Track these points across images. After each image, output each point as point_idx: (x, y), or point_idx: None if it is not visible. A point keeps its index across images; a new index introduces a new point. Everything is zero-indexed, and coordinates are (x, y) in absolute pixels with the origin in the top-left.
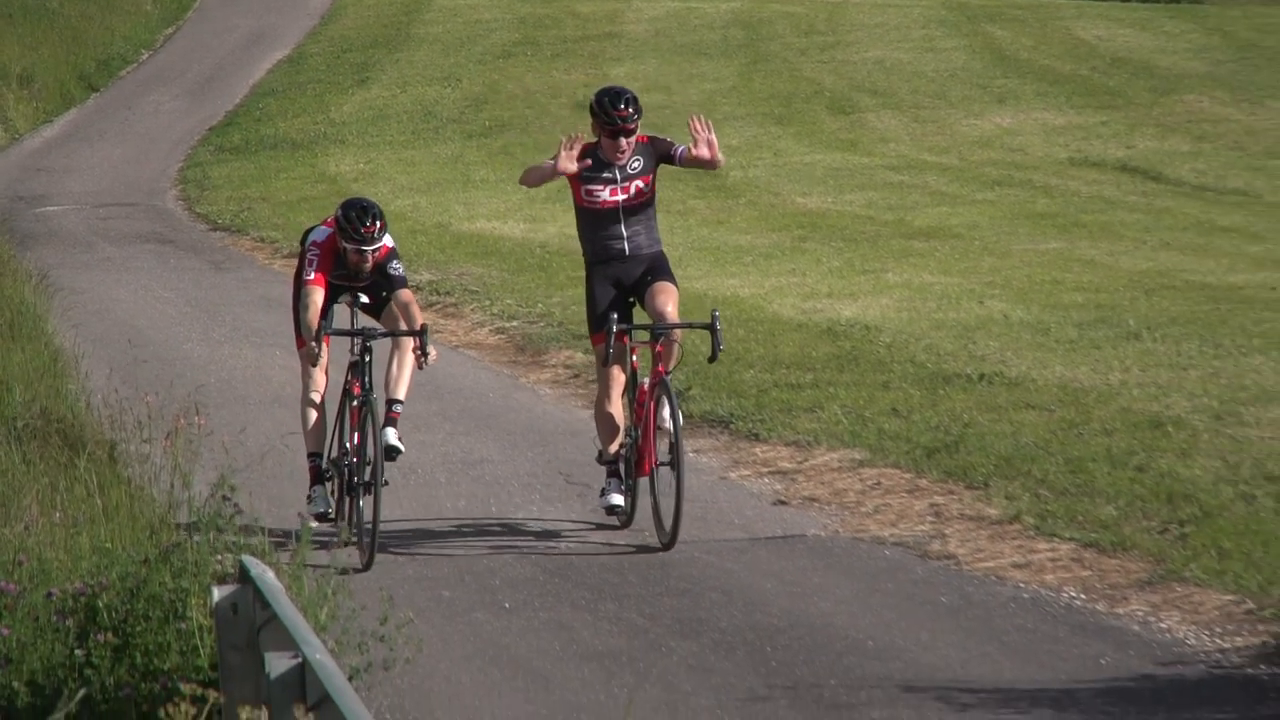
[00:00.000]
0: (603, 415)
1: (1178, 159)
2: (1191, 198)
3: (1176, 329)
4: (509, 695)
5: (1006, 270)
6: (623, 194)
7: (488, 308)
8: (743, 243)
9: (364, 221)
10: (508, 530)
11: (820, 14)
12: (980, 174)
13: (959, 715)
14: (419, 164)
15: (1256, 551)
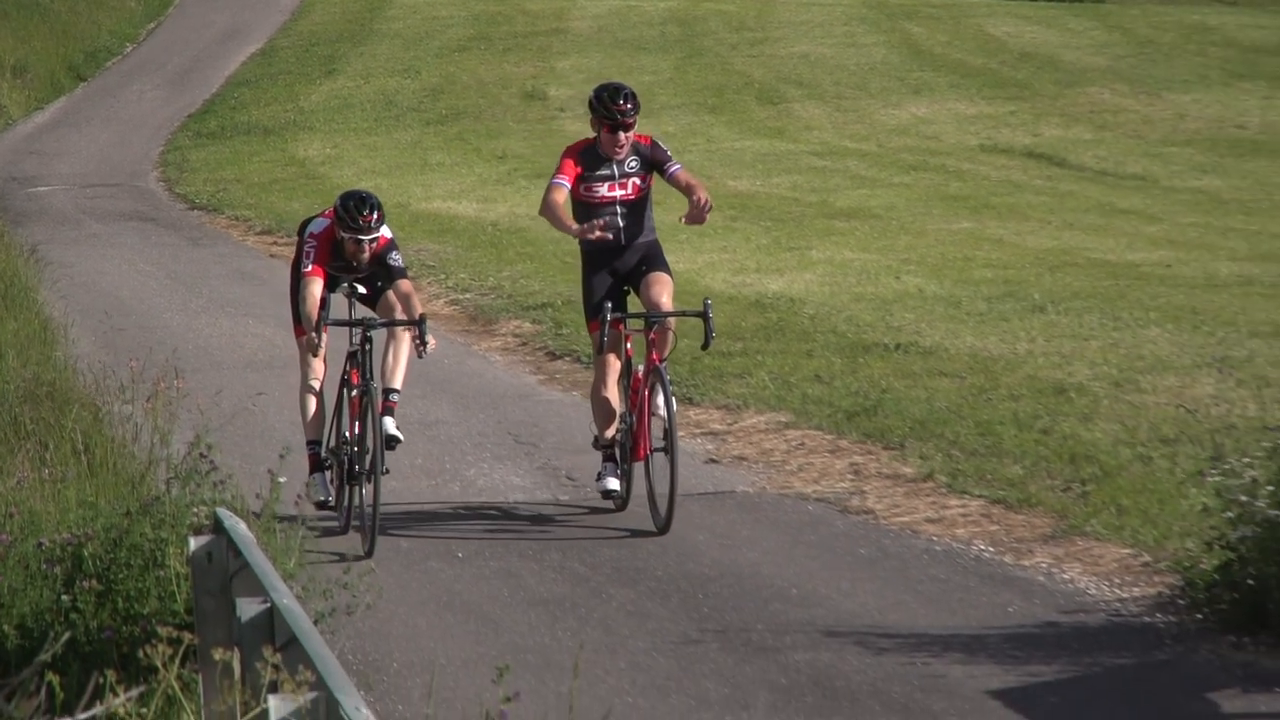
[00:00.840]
0: (599, 401)
1: (1080, 146)
2: (1093, 182)
3: (1078, 303)
4: (461, 637)
5: (921, 248)
6: (620, 189)
7: (443, 281)
8: (678, 222)
9: (361, 211)
10: (461, 485)
11: (750, 11)
12: (897, 159)
13: (876, 658)
14: (381, 149)
15: (1152, 509)
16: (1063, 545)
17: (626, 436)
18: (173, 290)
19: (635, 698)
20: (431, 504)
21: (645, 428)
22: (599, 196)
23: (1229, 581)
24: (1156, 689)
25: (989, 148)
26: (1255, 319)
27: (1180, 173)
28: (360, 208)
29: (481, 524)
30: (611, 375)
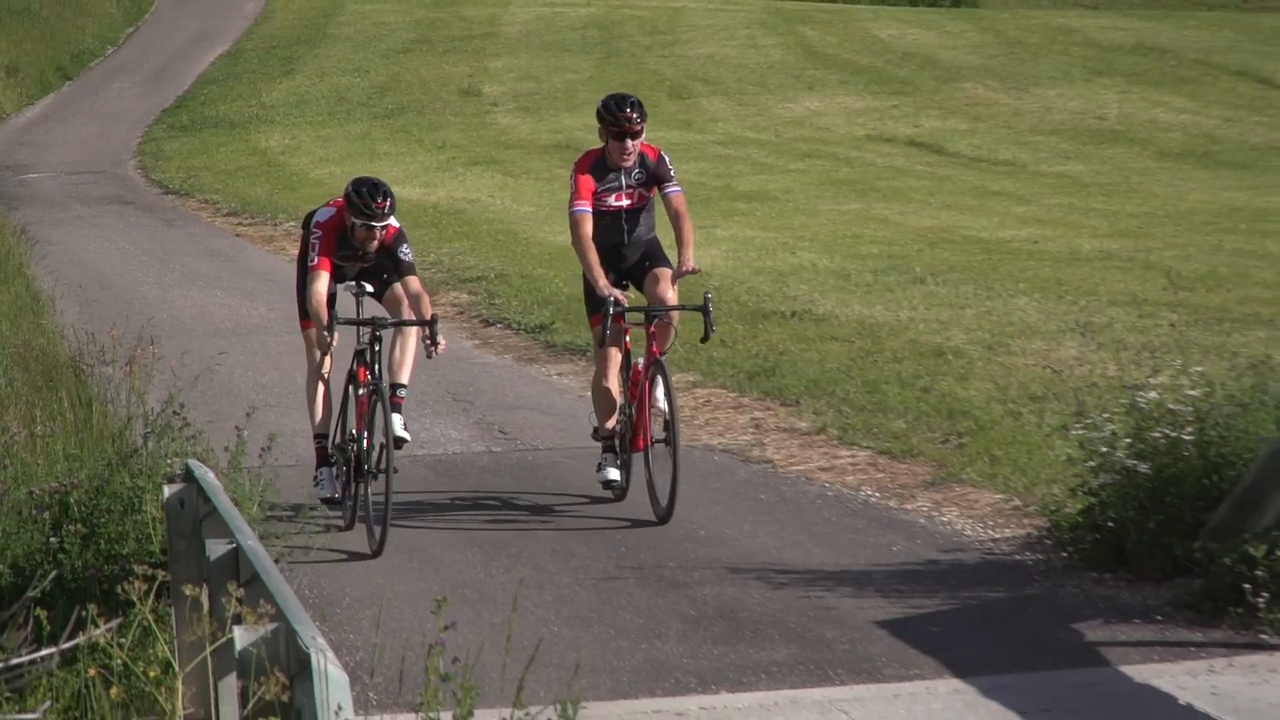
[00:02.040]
0: (600, 392)
1: (956, 136)
2: (968, 168)
3: (955, 275)
4: (405, 574)
5: (814, 227)
6: (627, 199)
7: None
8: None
9: (375, 198)
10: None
11: (662, 17)
12: (793, 148)
13: (775, 592)
14: (334, 140)
15: (1022, 459)
16: (942, 491)
17: (626, 428)
18: (148, 266)
19: (561, 627)
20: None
21: (645, 419)
22: (607, 206)
23: (1091, 524)
24: (1026, 620)
25: (875, 138)
26: (1114, 289)
27: (1046, 159)
28: (373, 194)
29: (423, 472)
30: (613, 368)
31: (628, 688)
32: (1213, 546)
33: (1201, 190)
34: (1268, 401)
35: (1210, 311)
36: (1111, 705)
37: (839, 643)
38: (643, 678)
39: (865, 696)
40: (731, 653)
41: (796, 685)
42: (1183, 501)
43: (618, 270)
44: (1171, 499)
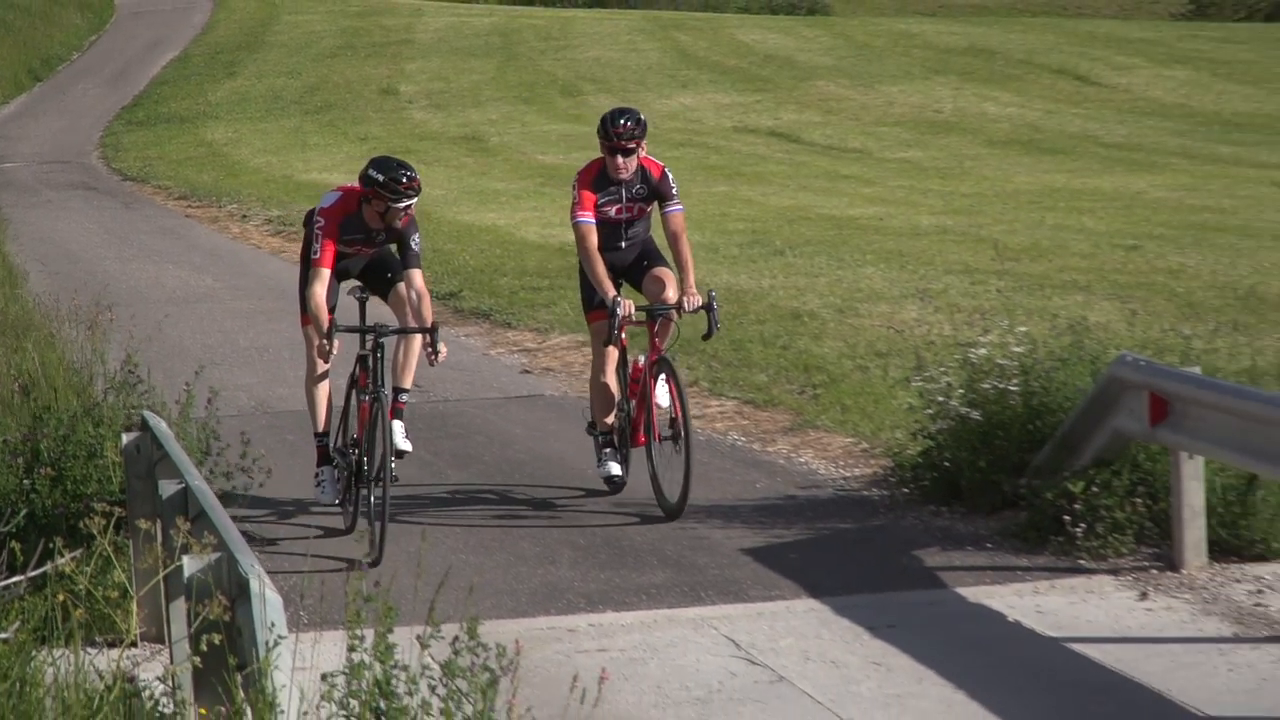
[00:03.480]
0: (599, 389)
1: (811, 127)
2: (821, 155)
3: (810, 248)
4: (332, 509)
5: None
6: (627, 213)
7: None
8: (499, 188)
9: (401, 178)
10: (334, 391)
11: (555, 25)
12: (669, 138)
13: (654, 524)
14: (270, 133)
15: (869, 407)
16: (799, 436)
17: (626, 423)
18: (109, 243)
19: (468, 555)
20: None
21: (644, 415)
22: (607, 218)
23: (929, 464)
24: (873, 547)
25: (740, 129)
26: (949, 260)
27: (890, 147)
28: (400, 172)
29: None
30: (611, 365)
31: (525, 607)
32: (1036, 483)
33: (1026, 174)
34: (1083, 357)
35: (1033, 279)
36: (948, 621)
37: (710, 568)
38: (539, 599)
39: (733, 614)
40: (616, 577)
41: (673, 605)
42: (1010, 444)
43: (613, 268)
44: (1000, 442)
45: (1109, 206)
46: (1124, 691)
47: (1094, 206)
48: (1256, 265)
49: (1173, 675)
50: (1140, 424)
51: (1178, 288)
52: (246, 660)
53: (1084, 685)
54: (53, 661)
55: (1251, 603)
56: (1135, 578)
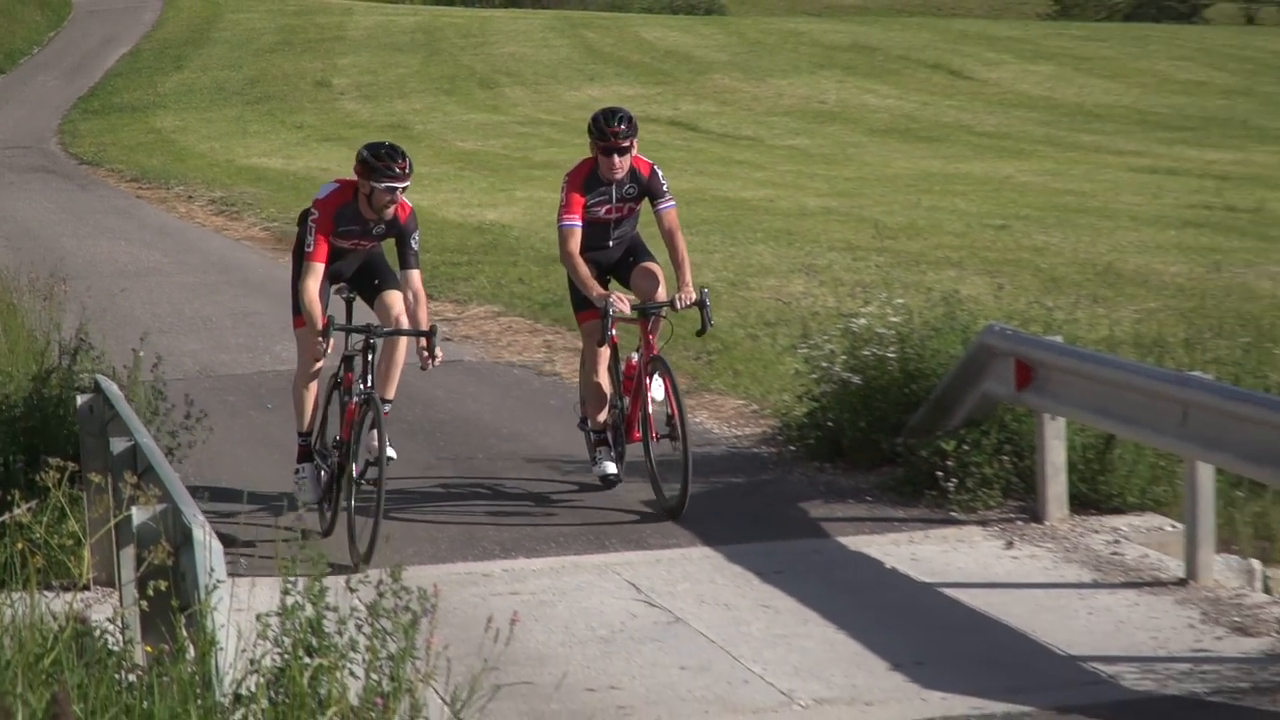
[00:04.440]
0: (591, 387)
1: (708, 117)
2: (717, 142)
3: (706, 227)
4: (268, 464)
5: None
6: (617, 212)
7: (258, 213)
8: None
9: (395, 159)
10: (270, 356)
11: (474, 23)
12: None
13: (564, 476)
14: (215, 121)
15: (759, 372)
16: (695, 398)
17: (620, 419)
18: (66, 221)
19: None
20: (250, 372)
21: (638, 411)
22: (596, 218)
23: (814, 424)
24: (763, 500)
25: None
26: (833, 238)
27: (779, 135)
28: (393, 155)
29: (284, 383)
30: (603, 363)
31: (445, 554)
32: (912, 442)
33: (903, 160)
34: (955, 327)
35: (910, 255)
36: (831, 568)
37: (614, 518)
38: (457, 546)
39: (634, 561)
40: (528, 526)
41: (580, 552)
42: (888, 406)
43: (600, 265)
44: (878, 404)
45: (979, 190)
46: (991, 632)
47: (966, 190)
48: (1114, 244)
49: (1036, 617)
50: (1007, 388)
51: (1042, 264)
52: (189, 602)
53: (954, 626)
54: (11, 604)
55: (1109, 551)
56: (1002, 528)
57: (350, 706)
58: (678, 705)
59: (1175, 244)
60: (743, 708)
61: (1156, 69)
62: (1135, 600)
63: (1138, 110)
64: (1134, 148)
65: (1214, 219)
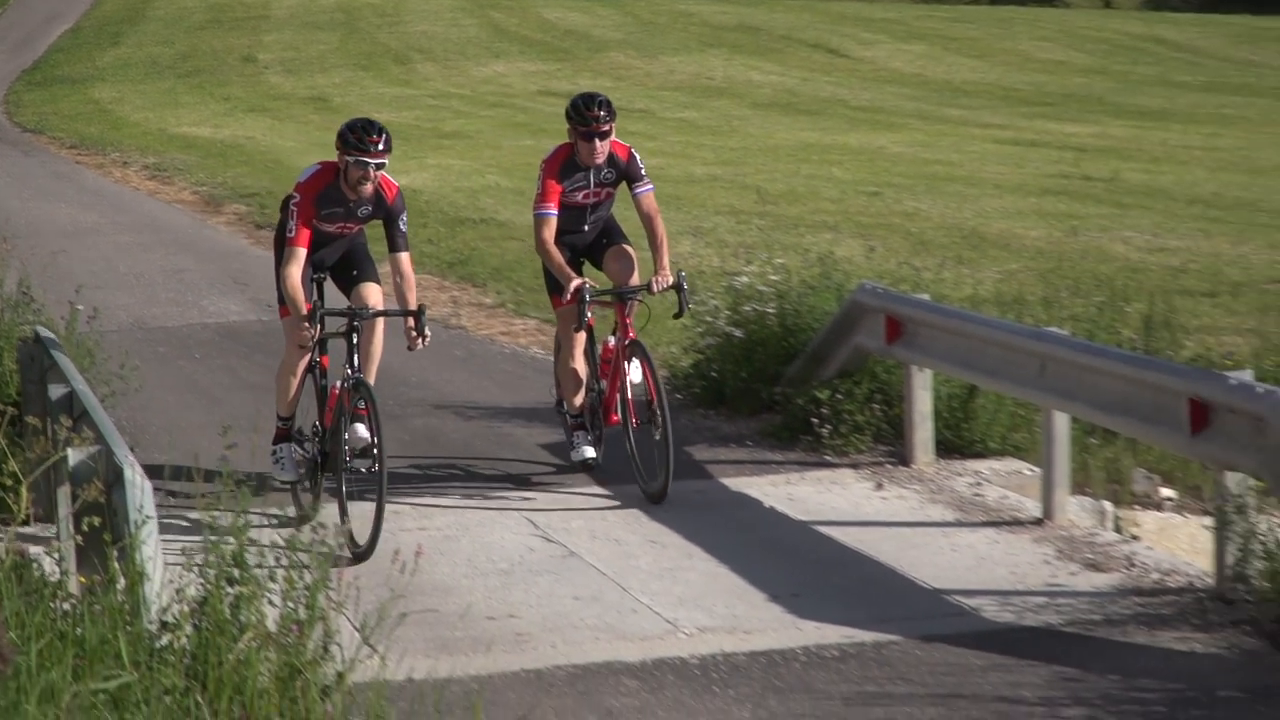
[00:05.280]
0: (568, 372)
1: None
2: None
3: None
4: (196, 409)
5: (499, 158)
6: (594, 197)
7: (188, 178)
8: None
9: (369, 133)
10: (197, 310)
11: (390, 3)
12: (483, 100)
13: (467, 423)
14: (149, 94)
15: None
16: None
17: (598, 403)
18: (10, 185)
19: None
20: (179, 325)
21: (615, 396)
22: (573, 203)
23: (699, 374)
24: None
25: (544, 92)
26: (719, 203)
27: (670, 108)
28: (368, 129)
29: (210, 335)
30: (579, 347)
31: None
32: (789, 391)
33: (785, 131)
34: (830, 285)
35: (789, 219)
36: (715, 505)
37: (514, 460)
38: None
39: (532, 499)
40: (435, 467)
41: (483, 491)
42: (767, 358)
43: (573, 249)
44: (759, 356)
45: (854, 159)
46: (862, 566)
47: (842, 159)
48: (979, 210)
49: (904, 553)
50: (878, 342)
51: (911, 228)
52: (120, 536)
53: (828, 561)
54: None
55: (971, 493)
56: (873, 471)
57: (268, 632)
58: (571, 633)
59: (1035, 210)
60: (631, 635)
61: (1019, 49)
62: (995, 538)
63: (1002, 87)
64: (998, 121)
65: (1072, 188)
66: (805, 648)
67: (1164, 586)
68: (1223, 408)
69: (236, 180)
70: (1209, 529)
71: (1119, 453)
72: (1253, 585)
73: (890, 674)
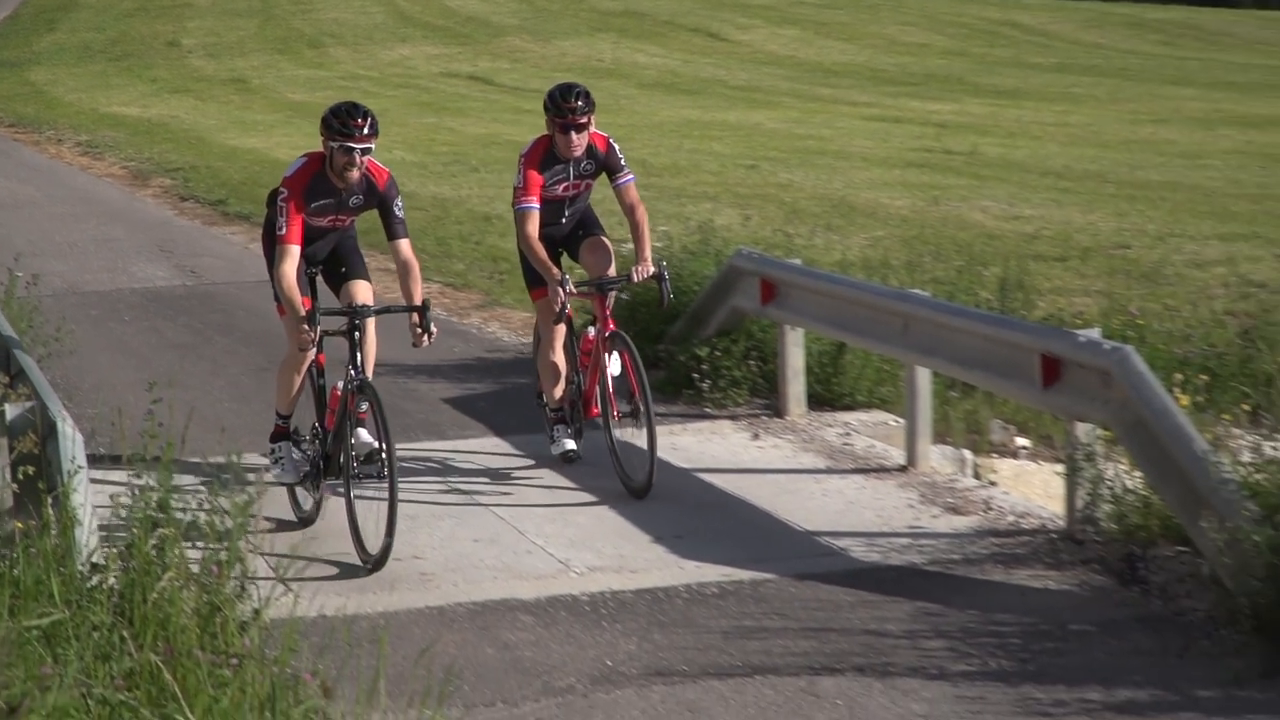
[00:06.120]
0: (547, 365)
1: (501, 73)
2: (509, 94)
3: (499, 165)
4: (125, 368)
5: (404, 134)
6: (573, 190)
7: (118, 154)
8: (259, 119)
9: (353, 116)
10: (126, 275)
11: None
12: (391, 81)
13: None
14: (82, 76)
15: None
16: (488, 311)
17: (577, 395)
18: None
19: (229, 404)
20: (110, 289)
21: (595, 388)
22: (553, 195)
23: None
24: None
25: (446, 74)
26: None
27: None
28: (351, 112)
29: (138, 299)
30: (559, 340)
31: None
32: (672, 349)
33: (668, 110)
34: (709, 251)
35: (672, 190)
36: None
37: (418, 412)
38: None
39: (435, 448)
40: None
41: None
42: (651, 318)
43: (551, 242)
44: (643, 316)
45: (733, 135)
46: (741, 510)
47: (721, 135)
48: (848, 181)
49: (778, 498)
50: (754, 303)
51: (785, 198)
52: (54, 485)
53: (709, 505)
54: None
55: (840, 442)
56: (749, 422)
57: (190, 573)
58: (471, 572)
59: (900, 182)
60: (527, 574)
61: (885, 33)
62: (863, 484)
63: (869, 68)
64: (866, 100)
65: (933, 160)
66: (687, 585)
67: (1019, 528)
68: (1072, 363)
69: (162, 156)
70: (1060, 475)
71: (977, 405)
72: (1100, 527)
73: (766, 609)
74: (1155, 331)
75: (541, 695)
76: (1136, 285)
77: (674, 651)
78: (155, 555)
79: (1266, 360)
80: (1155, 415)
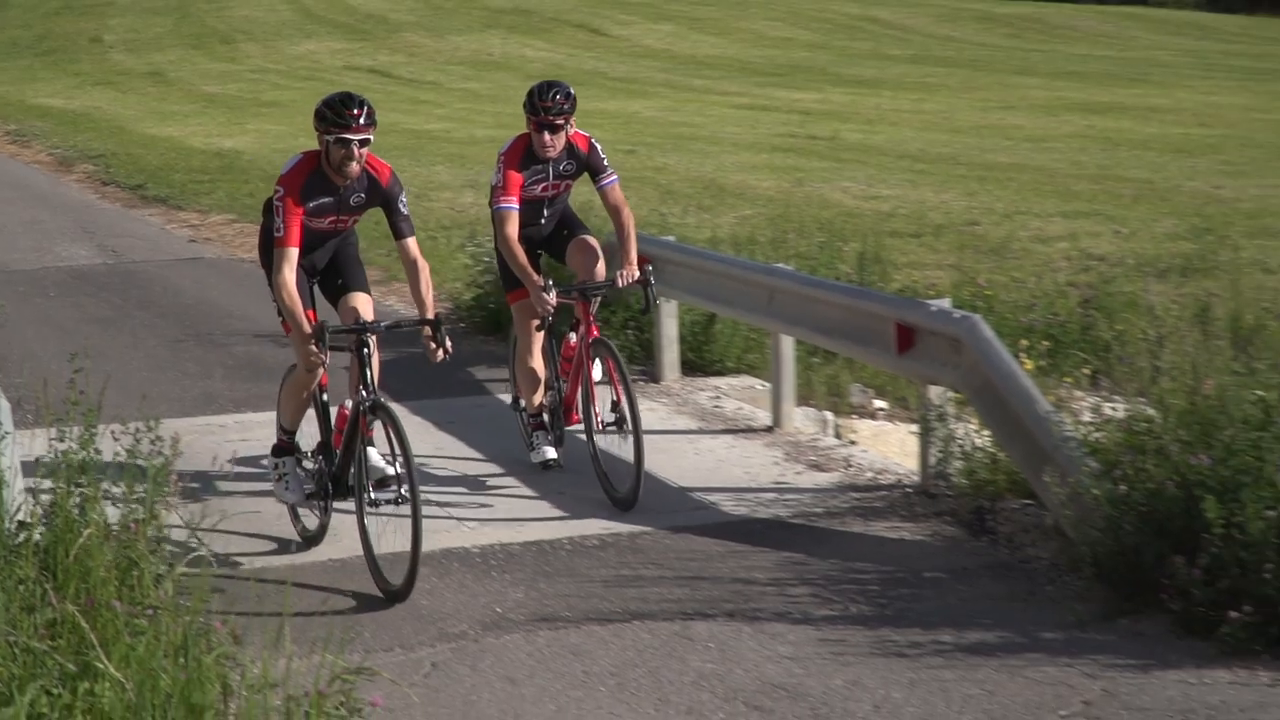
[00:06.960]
0: (526, 370)
1: (399, 66)
2: (406, 86)
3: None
4: (52, 341)
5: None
6: (553, 190)
7: (44, 142)
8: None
9: (348, 106)
10: (51, 255)
11: None
12: (297, 74)
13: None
14: (9, 70)
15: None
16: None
17: (558, 402)
18: None
19: (147, 373)
20: (36, 268)
21: (576, 394)
22: (531, 196)
23: (479, 305)
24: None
25: (348, 67)
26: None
27: (455, 80)
28: (347, 102)
29: (64, 277)
30: (538, 345)
31: (189, 409)
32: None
33: None
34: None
35: None
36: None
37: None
38: (198, 403)
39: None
40: (255, 387)
41: None
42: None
43: (531, 241)
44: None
45: (613, 122)
46: (619, 467)
47: (602, 123)
48: (718, 164)
49: (655, 457)
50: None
51: (661, 180)
52: None
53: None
54: None
55: (711, 405)
56: None
57: (109, 529)
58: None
59: (767, 165)
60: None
61: (753, 28)
62: (732, 444)
63: (739, 60)
64: (735, 90)
65: (798, 145)
66: (570, 538)
67: (877, 484)
68: (925, 331)
69: (85, 144)
70: (915, 435)
71: (838, 370)
72: (952, 482)
73: (643, 559)
74: (1002, 302)
75: (436, 640)
76: (985, 259)
77: (558, 599)
78: (77, 514)
79: (1104, 328)
80: (1002, 379)
